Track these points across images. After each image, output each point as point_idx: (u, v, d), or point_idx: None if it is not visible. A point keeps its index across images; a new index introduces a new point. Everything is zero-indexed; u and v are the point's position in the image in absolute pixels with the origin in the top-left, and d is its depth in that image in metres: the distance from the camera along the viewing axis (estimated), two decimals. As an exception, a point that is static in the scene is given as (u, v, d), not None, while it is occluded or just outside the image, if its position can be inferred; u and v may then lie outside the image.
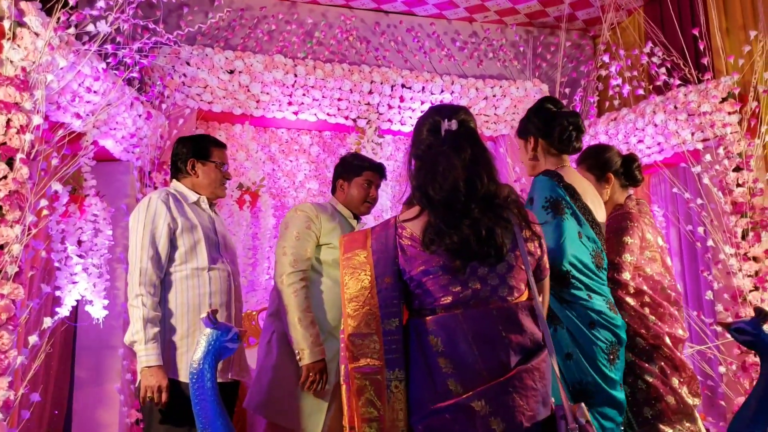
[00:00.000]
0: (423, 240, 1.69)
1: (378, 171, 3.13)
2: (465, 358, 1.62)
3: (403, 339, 1.69)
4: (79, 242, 3.68)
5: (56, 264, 3.50)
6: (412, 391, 1.68)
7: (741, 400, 3.85)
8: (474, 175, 1.71)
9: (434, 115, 1.82)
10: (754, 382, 3.83)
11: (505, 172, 5.27)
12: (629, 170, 2.92)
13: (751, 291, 3.91)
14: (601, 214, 2.44)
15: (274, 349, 2.80)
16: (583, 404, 1.70)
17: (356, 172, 3.08)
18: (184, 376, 2.53)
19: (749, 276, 3.93)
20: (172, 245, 2.63)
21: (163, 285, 2.61)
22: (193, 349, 2.52)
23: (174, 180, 2.86)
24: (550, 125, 2.44)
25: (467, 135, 1.79)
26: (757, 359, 3.84)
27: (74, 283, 3.56)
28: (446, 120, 1.78)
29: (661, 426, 2.48)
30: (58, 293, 3.52)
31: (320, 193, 5.14)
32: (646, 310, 2.62)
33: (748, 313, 3.89)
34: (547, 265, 1.90)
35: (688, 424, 2.51)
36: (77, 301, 3.64)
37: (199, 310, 2.61)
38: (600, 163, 2.90)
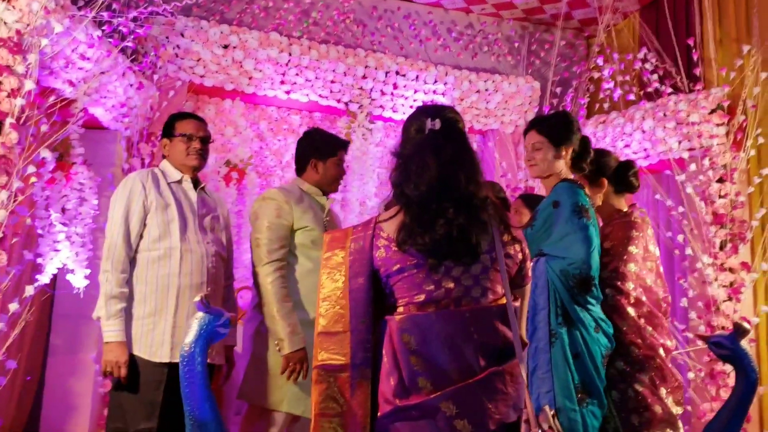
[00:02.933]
0: (396, 239, 1.70)
1: (347, 148, 3.11)
2: (436, 358, 1.64)
3: (372, 338, 1.71)
4: (63, 210, 3.64)
5: (39, 231, 3.46)
6: (381, 387, 1.70)
7: (707, 406, 3.96)
8: (451, 174, 1.71)
9: (420, 115, 1.84)
10: (721, 390, 3.95)
11: (492, 167, 5.30)
12: (624, 176, 2.96)
13: (724, 301, 4.01)
14: None
15: (267, 339, 2.80)
16: (546, 408, 1.72)
17: (331, 151, 3.01)
18: (146, 354, 2.57)
19: (724, 286, 4.02)
20: (145, 224, 2.66)
21: (134, 263, 2.65)
22: (158, 328, 2.59)
23: (164, 160, 2.87)
24: (585, 145, 2.67)
25: (449, 134, 1.80)
26: (725, 368, 3.96)
27: (56, 251, 3.52)
28: (430, 119, 1.79)
29: None
30: (39, 260, 3.48)
31: (295, 179, 5.11)
32: (642, 321, 2.69)
33: (720, 322, 3.99)
34: (530, 272, 1.94)
35: None
36: (58, 269, 3.60)
37: (166, 289, 2.63)
38: (598, 167, 2.93)
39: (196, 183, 2.87)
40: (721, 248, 4.08)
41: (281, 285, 2.75)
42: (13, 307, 2.90)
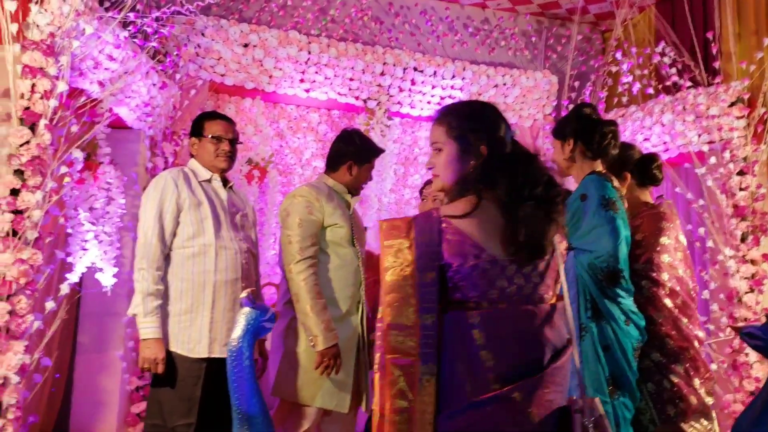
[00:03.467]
0: (479, 237, 1.70)
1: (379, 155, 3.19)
2: (507, 353, 1.66)
3: (437, 334, 1.70)
4: (91, 209, 3.68)
5: (69, 230, 3.50)
6: (447, 384, 1.70)
7: (729, 397, 3.98)
8: (534, 177, 1.74)
9: (502, 118, 1.85)
10: (744, 381, 3.97)
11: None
12: (647, 169, 2.98)
13: (746, 293, 4.02)
14: None
15: (299, 335, 2.83)
16: (597, 399, 1.76)
17: (369, 157, 3.07)
18: (184, 350, 2.62)
19: (746, 278, 4.04)
20: (179, 222, 2.71)
21: (168, 260, 2.70)
22: (195, 324, 2.63)
23: (192, 159, 2.93)
24: (590, 130, 2.60)
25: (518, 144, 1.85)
26: (748, 359, 3.98)
27: (85, 250, 3.56)
28: (508, 127, 1.83)
29: (682, 425, 2.60)
30: (70, 259, 3.53)
31: (321, 176, 5.14)
32: (677, 312, 2.72)
33: (742, 314, 4.01)
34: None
35: (705, 422, 2.63)
36: (86, 267, 3.64)
37: (202, 286, 2.68)
38: (622, 160, 2.94)
39: (224, 181, 2.92)
40: (743, 240, 4.09)
41: (314, 282, 2.78)
42: (50, 305, 2.95)
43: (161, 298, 2.62)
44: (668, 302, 2.70)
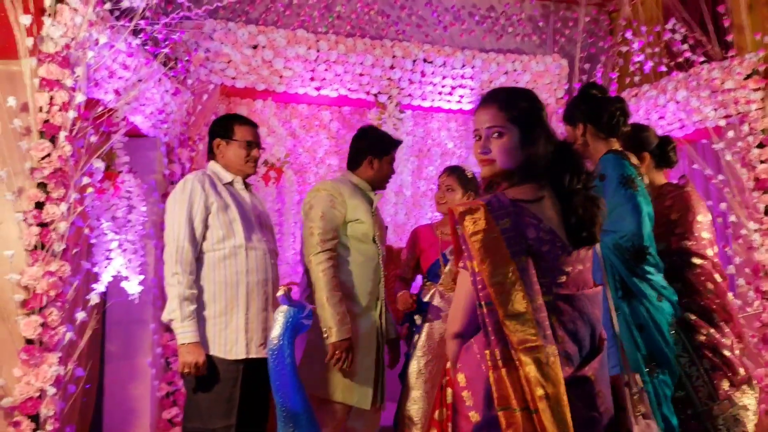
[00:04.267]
0: (552, 221, 1.73)
1: (398, 147, 3.22)
2: (577, 334, 1.70)
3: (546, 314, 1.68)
4: (113, 218, 3.69)
5: (92, 241, 3.51)
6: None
7: (761, 371, 3.95)
8: (583, 165, 1.81)
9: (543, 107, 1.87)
10: (775, 354, 3.94)
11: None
12: (664, 151, 2.99)
13: (773, 265, 4.00)
14: None
15: (320, 328, 2.83)
16: (637, 375, 1.87)
17: (387, 150, 3.11)
18: (221, 352, 2.60)
19: (771, 251, 4.01)
20: (208, 225, 2.70)
21: (201, 263, 2.69)
22: (231, 326, 2.62)
23: (211, 161, 2.92)
24: (597, 111, 2.58)
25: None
26: (778, 332, 3.94)
27: (109, 259, 3.57)
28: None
29: (736, 394, 2.60)
30: (96, 269, 3.54)
31: (340, 169, 5.15)
32: (724, 285, 2.74)
33: (768, 287, 3.98)
34: None
35: (751, 391, 2.64)
36: (112, 276, 3.66)
37: (236, 287, 2.67)
38: (637, 142, 2.94)
39: (245, 184, 2.93)
40: (766, 213, 4.06)
41: (333, 274, 2.81)
42: (81, 316, 2.96)
43: (195, 302, 2.61)
44: (718, 278, 2.71)
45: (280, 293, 1.89)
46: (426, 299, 3.17)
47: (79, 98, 3.00)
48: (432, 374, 3.05)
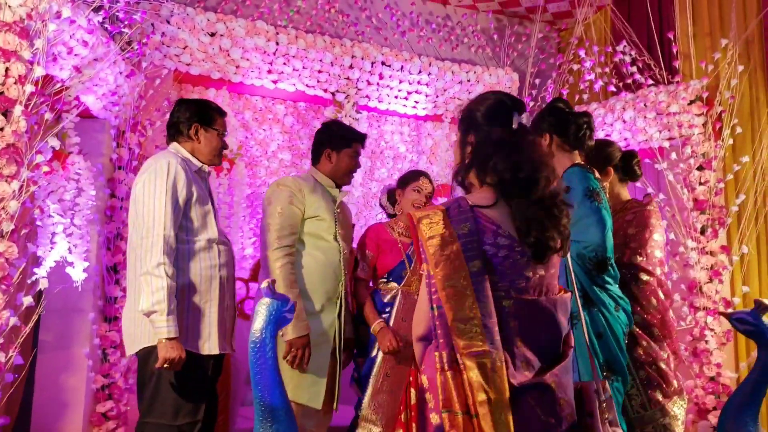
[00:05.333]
0: (518, 229, 1.73)
1: (363, 141, 3.15)
2: (538, 340, 1.72)
3: (496, 320, 1.69)
4: (59, 201, 3.52)
5: (38, 223, 3.34)
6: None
7: (690, 383, 4.15)
8: (544, 169, 1.77)
9: (506, 106, 1.84)
10: (704, 367, 4.16)
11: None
12: (629, 165, 3.10)
13: (706, 283, 4.21)
14: None
15: None
16: (606, 382, 1.89)
17: (346, 142, 3.06)
18: (192, 347, 2.50)
19: (705, 269, 4.22)
20: (186, 214, 2.56)
21: (177, 254, 2.50)
22: (204, 320, 2.52)
23: (174, 143, 2.76)
24: (565, 123, 2.64)
25: (530, 132, 1.85)
26: (708, 346, 4.16)
27: (53, 243, 3.41)
28: (517, 113, 1.82)
29: (668, 406, 2.72)
30: (40, 253, 3.37)
31: (292, 165, 5.09)
32: (667, 303, 2.85)
33: (702, 303, 4.20)
34: None
35: (681, 402, 2.76)
36: (55, 261, 3.49)
37: (209, 282, 2.57)
38: (602, 157, 3.04)
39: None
40: (702, 233, 4.28)
41: (289, 270, 2.78)
42: (27, 300, 2.81)
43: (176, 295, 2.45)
44: (661, 295, 2.82)
45: (263, 285, 1.85)
46: (387, 300, 3.16)
47: (38, 72, 2.85)
48: (397, 377, 3.04)
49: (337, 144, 3.05)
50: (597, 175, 2.64)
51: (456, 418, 1.62)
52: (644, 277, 2.84)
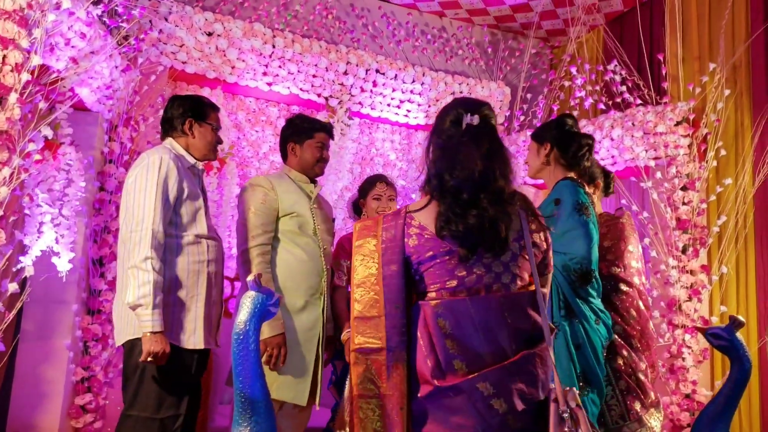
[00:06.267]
0: (435, 227, 1.76)
1: (327, 131, 3.13)
2: (471, 341, 1.71)
3: (406, 322, 1.77)
4: (48, 191, 3.53)
5: (26, 211, 3.35)
6: (418, 369, 1.76)
7: (666, 399, 4.21)
8: (488, 168, 1.78)
9: (458, 108, 1.87)
10: (680, 384, 4.21)
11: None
12: (607, 183, 3.18)
13: (686, 301, 4.28)
14: None
15: None
16: (574, 389, 1.79)
17: (308, 134, 3.06)
18: (177, 340, 2.50)
19: (685, 287, 4.29)
20: (176, 209, 2.57)
21: (165, 248, 2.52)
22: (190, 315, 2.53)
23: (169, 138, 2.77)
24: (567, 140, 2.73)
25: (487, 130, 1.85)
26: (685, 363, 4.22)
27: (41, 233, 3.41)
28: (469, 114, 1.83)
29: (645, 417, 2.76)
30: (27, 241, 3.37)
31: (284, 166, 5.11)
32: (647, 314, 2.89)
33: (681, 321, 4.26)
34: (552, 261, 1.99)
35: (658, 414, 2.80)
36: (41, 251, 3.49)
37: (197, 276, 2.58)
38: (589, 174, 3.09)
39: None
40: (684, 252, 4.35)
41: (263, 269, 2.79)
42: (12, 287, 2.82)
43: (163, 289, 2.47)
44: (641, 305, 2.86)
45: (250, 278, 1.88)
46: None
47: (35, 61, 2.87)
48: None
49: (299, 137, 3.06)
50: (588, 190, 2.70)
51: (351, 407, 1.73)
52: (623, 287, 2.89)
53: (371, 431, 1.72)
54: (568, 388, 1.75)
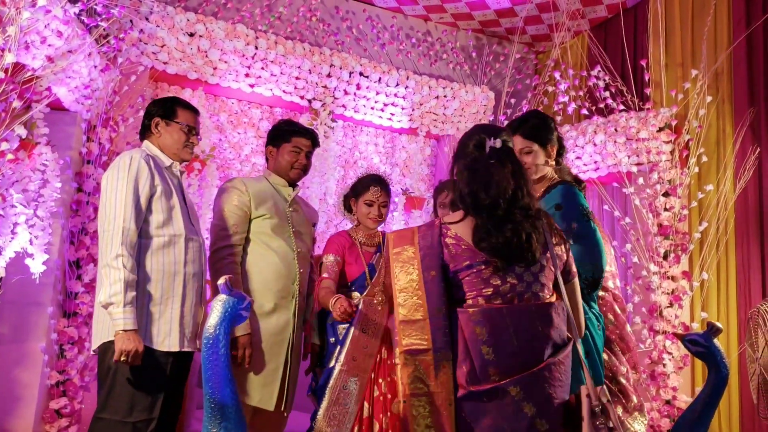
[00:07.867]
0: (473, 239, 1.90)
1: (307, 136, 3.10)
2: (506, 348, 1.83)
3: (448, 323, 1.89)
4: (23, 191, 3.47)
5: (0, 212, 3.29)
6: (456, 372, 1.87)
7: (647, 405, 4.20)
8: (517, 187, 1.95)
9: (480, 133, 2.04)
10: (660, 390, 4.21)
11: (446, 171, 5.43)
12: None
13: (667, 307, 4.28)
14: None
15: None
16: (604, 387, 2.02)
17: (285, 138, 3.06)
18: (152, 342, 2.45)
19: (666, 293, 4.29)
20: (150, 208, 2.54)
21: (138, 248, 2.49)
22: (165, 316, 2.49)
23: (145, 140, 2.76)
24: (562, 143, 2.75)
25: (508, 153, 2.03)
26: (665, 369, 4.22)
27: (14, 233, 3.35)
28: (491, 138, 2.00)
29: (628, 421, 2.74)
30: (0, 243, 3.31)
31: (265, 169, 5.08)
32: (623, 318, 2.87)
33: (662, 327, 4.26)
34: (574, 268, 2.12)
35: (641, 418, 2.79)
36: (15, 252, 3.43)
37: (173, 277, 2.54)
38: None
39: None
40: (665, 258, 4.35)
41: (231, 270, 2.79)
42: (-16, 289, 2.76)
43: (135, 289, 2.42)
44: (617, 309, 2.85)
45: (221, 282, 1.84)
46: None
47: (9, 59, 2.82)
48: (359, 389, 2.96)
49: (277, 140, 3.09)
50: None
51: (400, 406, 1.85)
52: (599, 292, 2.87)
53: (423, 427, 1.82)
54: (599, 387, 2.00)
